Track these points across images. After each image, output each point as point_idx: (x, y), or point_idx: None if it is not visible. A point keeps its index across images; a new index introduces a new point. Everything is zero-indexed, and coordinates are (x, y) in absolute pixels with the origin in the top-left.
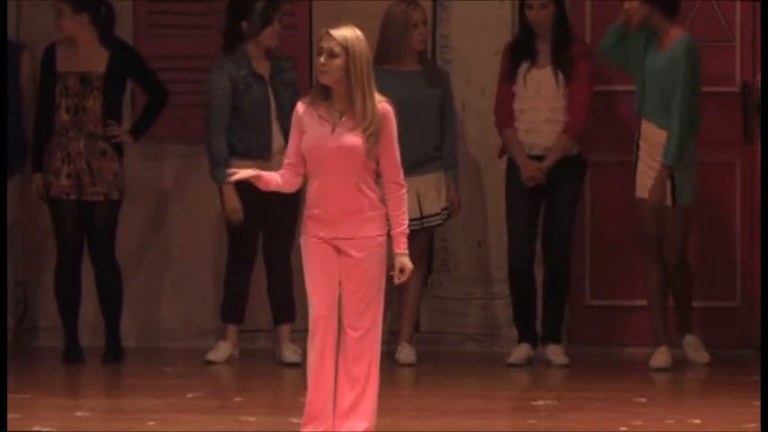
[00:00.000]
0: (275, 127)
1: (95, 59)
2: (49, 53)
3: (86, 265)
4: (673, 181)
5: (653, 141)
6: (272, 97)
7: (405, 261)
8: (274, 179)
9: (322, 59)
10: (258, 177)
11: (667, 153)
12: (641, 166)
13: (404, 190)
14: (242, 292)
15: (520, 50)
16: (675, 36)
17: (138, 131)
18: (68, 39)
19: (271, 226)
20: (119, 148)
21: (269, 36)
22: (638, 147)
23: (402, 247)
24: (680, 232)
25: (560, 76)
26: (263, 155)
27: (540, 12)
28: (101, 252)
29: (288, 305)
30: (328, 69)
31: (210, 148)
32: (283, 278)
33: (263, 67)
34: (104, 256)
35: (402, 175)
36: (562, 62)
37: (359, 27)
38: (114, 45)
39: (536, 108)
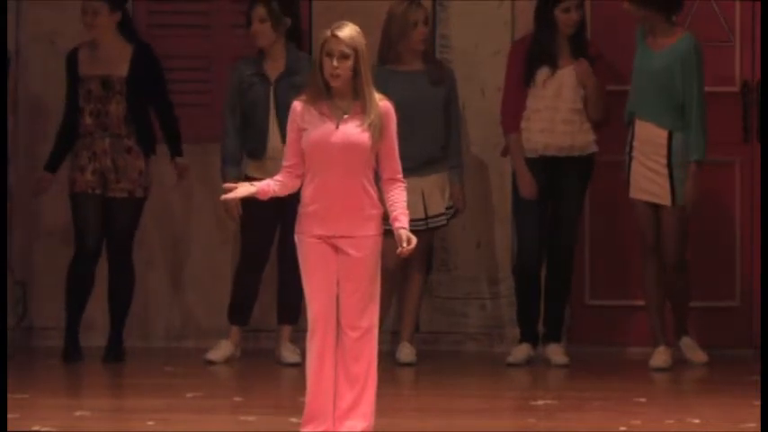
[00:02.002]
0: (273, 128)
1: (117, 62)
2: (72, 57)
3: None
4: (672, 181)
5: (651, 141)
6: (272, 98)
7: (410, 233)
8: (271, 188)
9: (335, 63)
10: (253, 192)
11: (694, 149)
12: (636, 167)
13: (403, 185)
14: (251, 295)
15: (539, 54)
16: (676, 36)
17: (178, 149)
18: (90, 42)
19: (288, 225)
20: (145, 147)
21: (252, 37)
22: (631, 147)
23: (405, 223)
24: (678, 233)
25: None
26: (260, 155)
27: (575, 14)
28: (119, 250)
29: (293, 306)
30: (341, 72)
31: (222, 146)
32: (294, 279)
33: (275, 68)
34: (122, 254)
35: (401, 173)
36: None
37: (359, 26)
38: (137, 46)
39: (555, 108)
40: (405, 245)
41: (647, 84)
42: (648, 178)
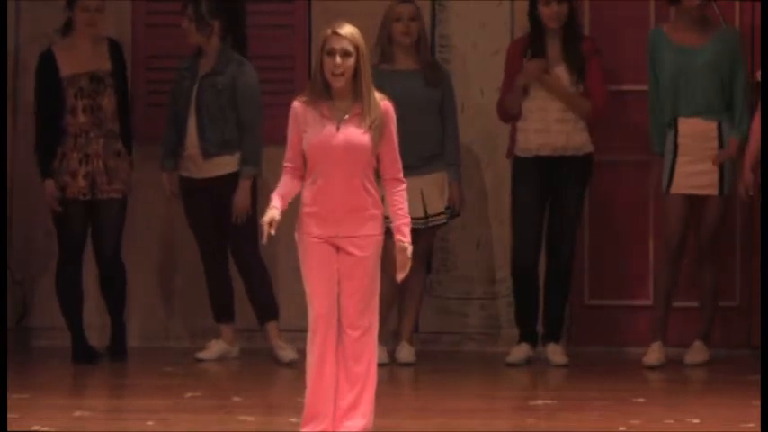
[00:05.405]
0: (191, 124)
1: (98, 58)
2: (48, 57)
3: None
4: (721, 171)
5: (700, 136)
6: (194, 95)
7: (411, 250)
8: (283, 202)
9: (338, 60)
10: (278, 215)
11: (738, 131)
12: (681, 164)
13: (404, 186)
14: (224, 290)
15: (532, 50)
16: (712, 28)
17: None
18: (66, 41)
19: (232, 230)
20: (129, 149)
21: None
22: (675, 146)
23: (408, 236)
24: (719, 223)
25: (574, 74)
26: (180, 151)
27: (557, 8)
28: (111, 250)
29: (268, 303)
30: (344, 70)
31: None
32: (257, 277)
33: (205, 67)
34: (113, 254)
35: (402, 172)
36: (574, 60)
37: (358, 27)
38: (110, 41)
39: (547, 108)
40: (402, 258)
41: (691, 81)
42: (695, 172)
